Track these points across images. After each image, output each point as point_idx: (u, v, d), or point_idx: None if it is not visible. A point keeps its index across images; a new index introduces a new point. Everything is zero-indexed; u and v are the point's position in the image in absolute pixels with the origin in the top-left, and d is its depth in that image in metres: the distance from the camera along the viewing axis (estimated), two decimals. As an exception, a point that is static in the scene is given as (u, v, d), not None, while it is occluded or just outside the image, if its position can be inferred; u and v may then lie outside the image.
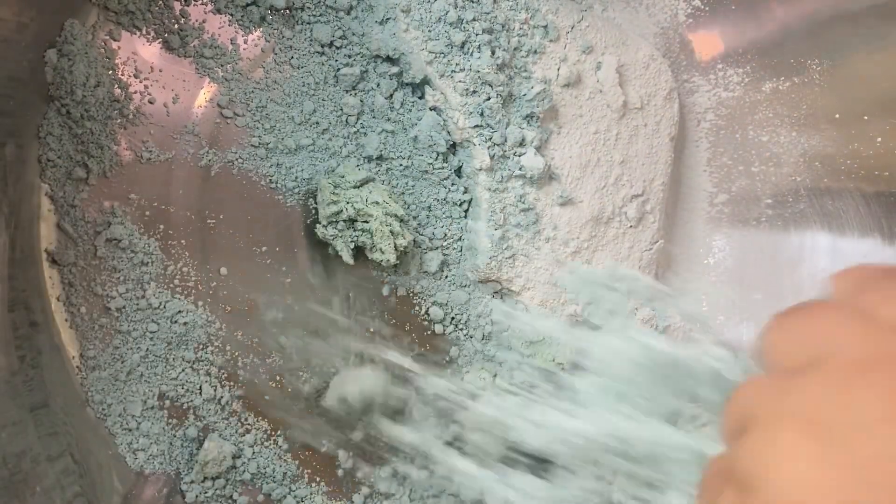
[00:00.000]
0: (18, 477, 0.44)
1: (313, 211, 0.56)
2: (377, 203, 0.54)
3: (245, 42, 0.55)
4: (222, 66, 0.54)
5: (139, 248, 0.52)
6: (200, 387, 0.54)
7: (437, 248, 0.58)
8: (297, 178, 0.56)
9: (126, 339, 0.52)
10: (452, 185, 0.57)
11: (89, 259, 0.51)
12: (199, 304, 0.54)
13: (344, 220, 0.54)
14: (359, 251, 0.55)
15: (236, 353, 0.55)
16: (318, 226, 0.54)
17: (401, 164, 0.57)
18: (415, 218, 0.57)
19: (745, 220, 0.65)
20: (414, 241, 0.56)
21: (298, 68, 0.55)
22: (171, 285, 0.53)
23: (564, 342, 0.57)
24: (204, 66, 0.54)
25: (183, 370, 0.54)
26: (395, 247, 0.54)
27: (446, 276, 0.59)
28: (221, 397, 0.54)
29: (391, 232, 0.54)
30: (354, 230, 0.54)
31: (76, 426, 0.50)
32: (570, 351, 0.57)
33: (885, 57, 0.58)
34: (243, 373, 0.55)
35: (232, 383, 0.55)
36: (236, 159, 0.55)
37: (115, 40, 0.52)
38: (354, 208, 0.53)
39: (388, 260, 0.54)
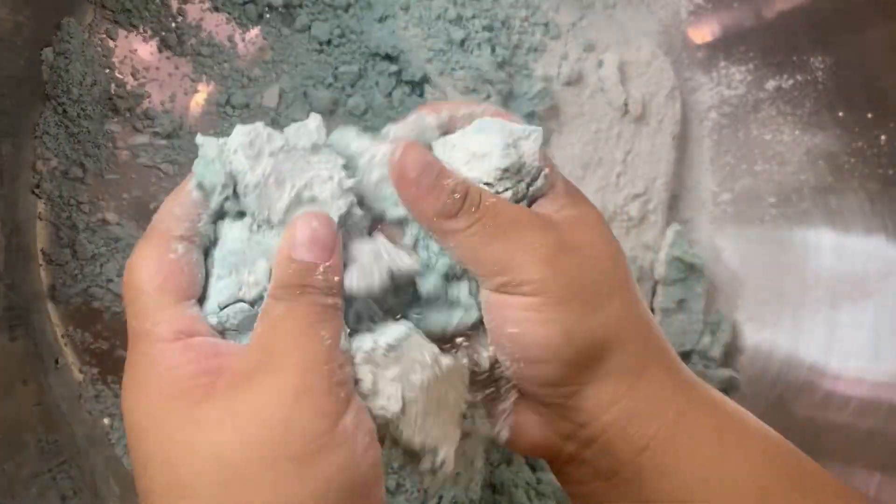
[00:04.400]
0: (14, 477, 0.44)
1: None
2: None
3: (243, 40, 0.54)
4: (220, 63, 0.54)
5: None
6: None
7: None
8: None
9: (123, 338, 0.52)
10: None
11: (86, 259, 0.51)
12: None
13: None
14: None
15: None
16: None
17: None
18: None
19: (749, 220, 0.65)
20: None
21: (297, 66, 0.55)
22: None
23: None
24: (201, 64, 0.53)
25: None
26: None
27: None
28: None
29: None
30: None
31: (72, 427, 0.49)
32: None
33: (888, 54, 0.58)
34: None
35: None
36: (234, 158, 0.54)
37: (111, 39, 0.51)
38: None
39: None
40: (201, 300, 0.32)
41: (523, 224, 0.32)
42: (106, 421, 0.51)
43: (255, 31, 0.54)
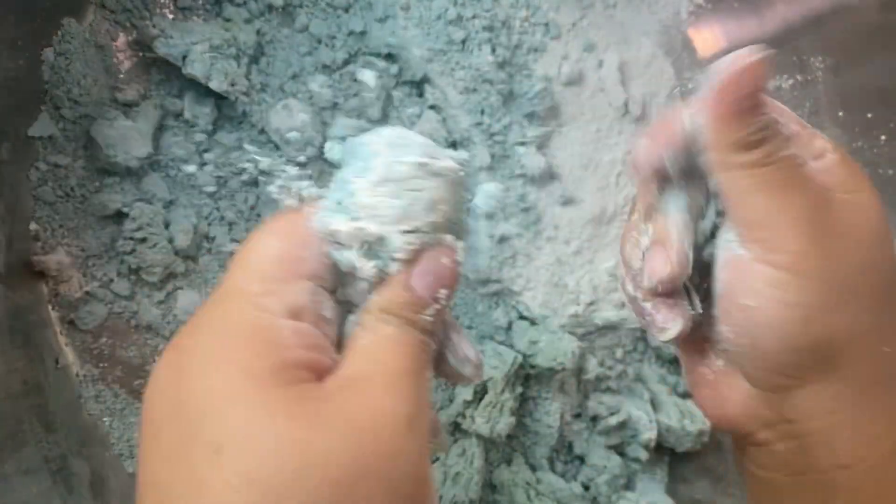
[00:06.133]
0: (14, 476, 0.44)
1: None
2: None
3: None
4: (220, 64, 0.54)
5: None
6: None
7: None
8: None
9: (123, 338, 0.52)
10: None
11: (86, 258, 0.51)
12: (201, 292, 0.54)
13: None
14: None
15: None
16: None
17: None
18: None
19: (749, 220, 0.65)
20: None
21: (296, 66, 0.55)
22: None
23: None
24: (202, 64, 0.53)
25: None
26: None
27: None
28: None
29: None
30: None
31: (72, 427, 0.49)
32: (573, 352, 0.56)
33: (888, 54, 0.58)
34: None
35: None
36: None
37: (112, 39, 0.51)
38: None
39: None
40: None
41: (804, 189, 0.29)
42: (106, 421, 0.51)
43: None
